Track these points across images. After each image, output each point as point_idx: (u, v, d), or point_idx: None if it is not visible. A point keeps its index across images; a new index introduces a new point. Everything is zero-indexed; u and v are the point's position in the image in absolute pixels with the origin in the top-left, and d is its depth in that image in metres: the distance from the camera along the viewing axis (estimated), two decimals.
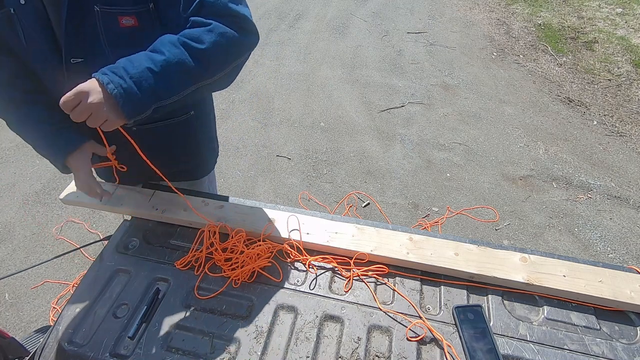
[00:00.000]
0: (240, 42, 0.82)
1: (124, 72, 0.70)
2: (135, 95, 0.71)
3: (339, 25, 4.60)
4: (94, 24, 0.80)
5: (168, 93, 0.76)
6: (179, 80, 0.76)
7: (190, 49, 0.75)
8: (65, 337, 0.80)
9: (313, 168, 2.72)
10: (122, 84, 0.70)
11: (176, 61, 0.74)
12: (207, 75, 0.80)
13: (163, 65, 0.73)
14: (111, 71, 0.71)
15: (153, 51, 0.75)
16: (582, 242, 2.26)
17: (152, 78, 0.72)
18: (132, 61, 0.72)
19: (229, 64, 0.83)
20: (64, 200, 1.08)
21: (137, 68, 0.71)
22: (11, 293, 1.96)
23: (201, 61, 0.77)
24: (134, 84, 0.70)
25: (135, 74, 0.71)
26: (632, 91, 3.49)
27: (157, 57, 0.73)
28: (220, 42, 0.78)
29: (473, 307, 0.84)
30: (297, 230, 0.98)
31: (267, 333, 0.80)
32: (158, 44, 0.76)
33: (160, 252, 0.96)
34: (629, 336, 0.81)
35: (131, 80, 0.70)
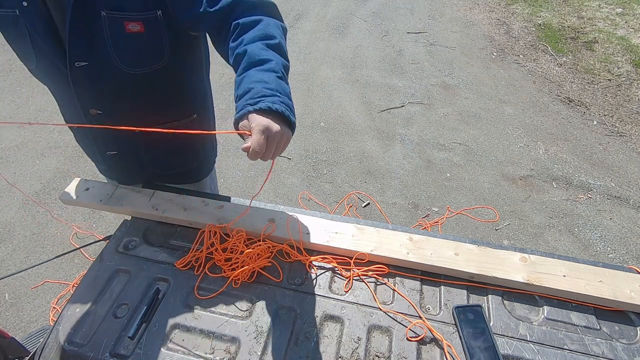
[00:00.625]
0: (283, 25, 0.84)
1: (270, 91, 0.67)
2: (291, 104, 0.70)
3: (339, 25, 4.60)
4: (100, 29, 0.80)
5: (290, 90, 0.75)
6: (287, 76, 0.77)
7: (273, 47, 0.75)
8: (65, 337, 0.80)
9: (313, 168, 2.72)
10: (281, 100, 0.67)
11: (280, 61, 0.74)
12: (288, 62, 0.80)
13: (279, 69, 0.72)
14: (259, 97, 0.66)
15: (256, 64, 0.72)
16: (582, 242, 2.26)
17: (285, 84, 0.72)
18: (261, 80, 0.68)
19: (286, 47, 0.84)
20: (64, 200, 1.08)
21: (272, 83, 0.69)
22: (11, 293, 1.96)
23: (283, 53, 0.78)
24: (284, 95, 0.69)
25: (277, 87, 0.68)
26: (632, 91, 3.49)
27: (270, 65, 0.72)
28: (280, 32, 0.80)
29: (473, 307, 0.84)
30: (297, 230, 0.98)
31: (267, 333, 0.80)
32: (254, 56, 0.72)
33: (160, 252, 0.96)
34: (629, 336, 0.81)
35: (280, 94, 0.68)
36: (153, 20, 0.82)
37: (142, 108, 0.98)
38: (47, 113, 3.16)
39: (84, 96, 0.91)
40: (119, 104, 0.95)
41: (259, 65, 0.72)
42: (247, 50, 0.74)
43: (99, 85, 0.89)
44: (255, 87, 0.67)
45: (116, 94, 0.92)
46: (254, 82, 0.68)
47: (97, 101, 0.93)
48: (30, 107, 3.22)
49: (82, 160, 2.73)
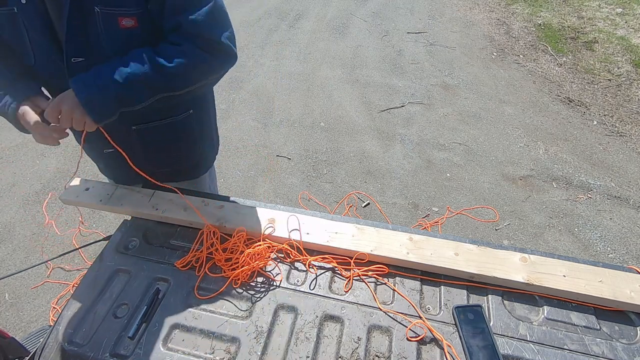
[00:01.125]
0: (210, 64, 0.89)
1: (92, 81, 0.80)
2: (98, 102, 0.81)
3: (339, 25, 4.60)
4: (95, 25, 0.81)
5: (132, 101, 0.85)
6: (142, 91, 0.85)
7: (156, 65, 0.82)
8: (65, 337, 0.80)
9: (313, 168, 2.72)
10: (89, 92, 0.79)
11: (140, 74, 0.82)
12: (172, 89, 0.88)
13: (128, 78, 0.81)
14: (82, 80, 0.80)
15: (123, 62, 0.82)
16: (582, 242, 2.26)
17: (115, 88, 0.81)
18: (101, 71, 0.81)
19: (197, 81, 0.90)
20: (64, 200, 1.08)
21: (104, 79, 0.80)
22: (11, 293, 1.96)
23: (166, 77, 0.84)
24: (99, 93, 0.80)
25: (101, 84, 0.80)
26: (632, 91, 3.49)
27: (123, 69, 0.81)
28: (188, 63, 0.85)
29: (473, 307, 0.84)
30: (297, 230, 0.98)
31: (267, 333, 0.80)
32: (129, 56, 0.83)
33: (160, 252, 0.96)
34: (629, 336, 0.81)
35: (97, 89, 0.80)
36: (145, 14, 0.83)
37: None
38: None
39: None
40: None
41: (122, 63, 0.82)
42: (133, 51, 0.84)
43: None
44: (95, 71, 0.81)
45: None
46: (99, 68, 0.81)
47: None
48: None
49: (82, 160, 2.73)
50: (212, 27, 0.86)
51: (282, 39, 4.29)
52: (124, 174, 1.18)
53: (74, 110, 0.80)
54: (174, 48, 0.84)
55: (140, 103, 0.87)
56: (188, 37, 0.85)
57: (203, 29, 0.85)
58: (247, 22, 4.65)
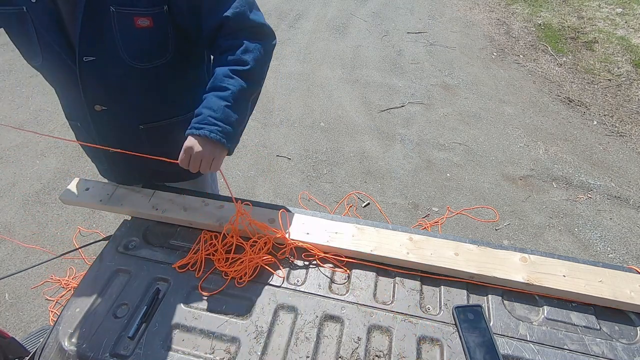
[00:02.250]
0: (268, 48, 0.93)
1: (213, 120, 0.83)
2: (231, 132, 0.85)
3: (339, 25, 4.59)
4: (110, 24, 0.82)
5: (245, 115, 0.91)
6: (246, 101, 0.90)
7: (241, 74, 0.86)
8: (65, 337, 0.80)
9: (313, 168, 2.72)
10: (219, 130, 0.83)
11: (239, 89, 0.86)
12: (259, 86, 0.94)
13: (233, 98, 0.85)
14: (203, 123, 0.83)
15: (216, 89, 0.86)
16: (582, 242, 2.26)
17: (232, 112, 0.85)
18: (211, 108, 0.84)
19: (267, 69, 0.95)
20: (64, 200, 1.08)
21: (219, 112, 0.84)
22: (11, 293, 1.96)
23: (252, 79, 0.89)
24: (226, 125, 0.84)
25: (221, 116, 0.84)
26: (632, 91, 3.49)
27: (225, 94, 0.85)
28: (258, 56, 0.88)
29: (473, 307, 0.84)
30: (297, 229, 0.98)
31: (267, 333, 0.80)
32: (217, 81, 0.86)
33: (160, 252, 0.96)
34: (629, 336, 0.81)
35: (222, 123, 0.83)
36: (161, 15, 0.84)
37: (145, 103, 0.99)
38: (47, 113, 3.16)
39: (90, 91, 0.92)
40: (123, 100, 0.96)
41: (217, 90, 0.85)
42: (215, 73, 0.87)
43: (105, 80, 0.90)
44: (204, 112, 0.84)
45: (121, 89, 0.94)
46: (205, 108, 0.84)
47: (102, 97, 0.94)
48: (30, 107, 3.22)
49: (82, 160, 2.73)
50: (253, 13, 0.89)
51: (282, 39, 4.29)
52: (126, 174, 1.18)
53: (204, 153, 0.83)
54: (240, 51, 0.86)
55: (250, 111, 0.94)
56: (239, 32, 0.87)
57: (247, 18, 0.87)
58: None
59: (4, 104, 3.25)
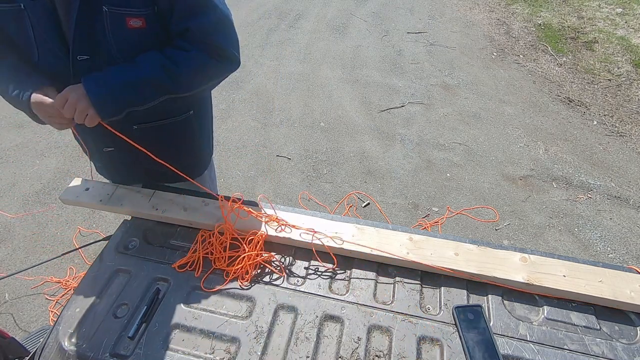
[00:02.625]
0: (216, 68, 0.95)
1: (104, 82, 0.85)
2: (107, 99, 0.85)
3: (339, 25, 4.60)
4: (102, 24, 0.83)
5: (141, 102, 0.91)
6: (151, 93, 0.90)
7: (167, 70, 0.88)
8: (65, 337, 0.80)
9: (313, 168, 2.72)
10: (100, 92, 0.84)
11: (151, 78, 0.87)
12: (180, 91, 0.94)
13: (139, 81, 0.86)
14: (93, 78, 0.84)
15: (134, 65, 0.87)
16: (582, 242, 2.26)
17: (126, 90, 0.86)
18: (112, 71, 0.86)
19: (202, 84, 0.97)
20: (64, 200, 1.08)
21: (116, 79, 0.85)
22: (11, 293, 1.96)
23: (175, 81, 0.90)
24: (109, 93, 0.85)
25: (114, 84, 0.85)
26: (632, 91, 3.49)
27: (135, 72, 0.86)
28: (195, 68, 0.91)
29: (473, 307, 0.84)
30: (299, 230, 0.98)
31: (267, 333, 0.80)
32: (141, 59, 0.87)
33: (160, 252, 0.96)
34: (629, 336, 0.81)
35: (107, 89, 0.85)
36: (153, 15, 0.85)
37: None
38: None
39: None
40: None
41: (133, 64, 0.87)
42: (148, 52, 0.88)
43: None
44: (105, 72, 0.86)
45: None
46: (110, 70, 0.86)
47: None
48: None
49: (82, 160, 2.73)
50: (218, 34, 0.91)
51: (282, 39, 4.29)
52: (122, 173, 1.18)
53: (80, 101, 0.83)
54: (183, 53, 0.89)
55: (146, 103, 0.92)
56: (195, 42, 0.89)
57: (210, 36, 0.90)
58: (247, 22, 4.65)
59: (4, 104, 3.24)
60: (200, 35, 0.89)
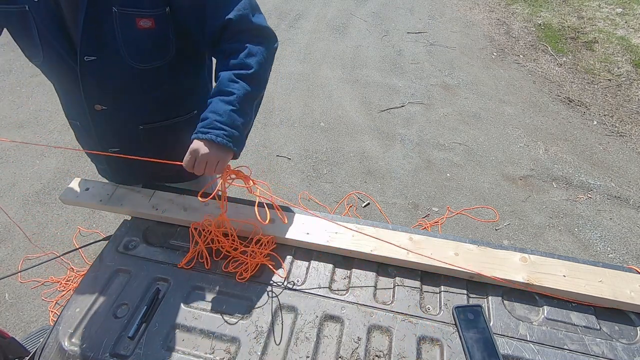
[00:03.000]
0: (271, 50, 0.93)
1: (219, 124, 0.83)
2: (237, 135, 0.85)
3: (339, 25, 4.59)
4: (111, 24, 0.82)
5: (250, 118, 0.91)
6: (251, 105, 0.90)
7: (245, 78, 0.86)
8: (65, 337, 0.80)
9: (313, 168, 2.72)
10: (225, 134, 0.83)
11: (244, 93, 0.86)
12: (263, 89, 0.94)
13: (239, 102, 0.85)
14: (209, 128, 0.83)
15: (222, 93, 0.85)
16: (582, 242, 2.26)
17: (238, 116, 0.85)
18: (216, 112, 0.84)
19: (269, 72, 0.95)
20: (64, 200, 1.08)
21: (224, 116, 0.84)
22: (11, 293, 1.96)
23: (256, 83, 0.89)
24: (232, 128, 0.84)
25: (227, 120, 0.84)
26: (632, 91, 3.49)
27: (230, 98, 0.85)
28: (260, 60, 0.89)
29: (473, 307, 0.84)
30: (297, 229, 0.98)
31: (267, 333, 0.80)
32: (222, 86, 0.86)
33: (160, 252, 0.96)
34: (629, 336, 0.81)
35: (228, 127, 0.84)
36: (163, 16, 0.85)
37: (145, 104, 0.99)
38: (47, 113, 3.16)
39: (90, 91, 0.92)
40: (123, 100, 0.96)
41: (223, 95, 0.85)
42: (220, 77, 0.87)
43: (106, 80, 0.91)
44: (210, 117, 0.83)
45: (121, 89, 0.94)
46: (211, 113, 0.84)
47: (102, 96, 0.94)
48: (30, 107, 3.22)
49: (82, 160, 2.73)
50: (255, 16, 0.89)
51: (282, 39, 4.29)
52: (125, 174, 1.18)
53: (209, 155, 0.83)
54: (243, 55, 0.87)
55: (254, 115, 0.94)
56: (242, 36, 0.88)
57: (250, 21, 0.88)
58: None
59: (4, 104, 3.25)
60: (244, 23, 0.87)
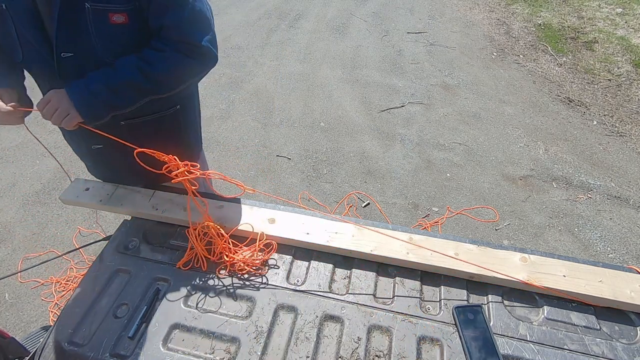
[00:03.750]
0: (192, 66, 0.94)
1: (85, 87, 0.87)
2: (90, 104, 0.88)
3: (339, 25, 4.59)
4: (85, 20, 0.83)
5: (122, 105, 0.93)
6: (131, 96, 0.92)
7: (143, 71, 0.89)
8: (65, 337, 0.80)
9: (313, 168, 2.72)
10: (83, 95, 0.87)
11: (129, 81, 0.89)
12: (159, 92, 0.95)
13: (119, 84, 0.88)
14: (75, 84, 0.87)
15: (113, 70, 0.89)
16: (582, 242, 2.26)
17: (106, 94, 0.88)
18: (93, 78, 0.88)
19: (179, 84, 0.97)
20: (64, 200, 1.08)
21: (97, 83, 0.87)
22: (11, 293, 1.96)
23: (152, 82, 0.91)
24: (91, 95, 0.87)
25: (94, 89, 0.87)
26: (632, 91, 3.49)
27: (114, 76, 0.88)
28: (171, 68, 0.91)
29: (473, 307, 0.84)
30: (297, 229, 0.98)
31: (267, 333, 0.80)
32: (119, 63, 0.89)
33: (160, 252, 0.96)
34: (629, 336, 0.81)
35: (88, 93, 0.87)
36: (135, 11, 0.86)
37: None
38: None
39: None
40: None
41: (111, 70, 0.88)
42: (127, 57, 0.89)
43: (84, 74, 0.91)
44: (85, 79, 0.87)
45: None
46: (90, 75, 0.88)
47: None
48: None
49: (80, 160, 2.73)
50: (192, 31, 0.91)
51: (282, 39, 4.29)
52: (112, 172, 1.17)
53: (61, 103, 0.86)
54: (159, 54, 0.89)
55: (130, 106, 0.94)
56: (170, 42, 0.90)
57: (184, 32, 0.90)
58: (247, 22, 4.65)
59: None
60: (175, 32, 0.89)
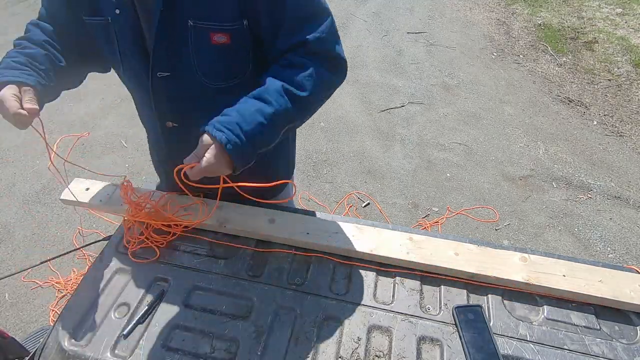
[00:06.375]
0: (333, 83, 0.82)
1: (239, 129, 0.68)
2: (247, 151, 0.70)
3: (339, 25, 4.55)
4: (186, 39, 0.77)
5: (272, 141, 0.76)
6: (281, 128, 0.76)
7: (293, 97, 0.74)
8: (65, 337, 0.80)
9: (313, 168, 2.72)
10: (238, 143, 0.68)
11: (282, 111, 0.73)
12: (304, 118, 0.81)
13: (272, 118, 0.72)
14: (226, 127, 0.68)
15: (261, 98, 0.72)
16: (582, 242, 2.26)
17: (262, 132, 0.71)
18: (244, 115, 0.70)
19: (318, 108, 0.83)
20: (64, 201, 1.08)
21: (250, 124, 0.69)
22: (11, 293, 1.96)
23: (301, 108, 0.77)
24: (248, 142, 0.69)
25: (249, 130, 0.69)
26: (632, 91, 3.49)
27: (266, 109, 0.71)
28: (319, 87, 0.77)
29: (473, 307, 0.84)
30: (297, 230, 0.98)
31: (267, 333, 0.80)
32: (265, 92, 0.73)
33: (160, 251, 0.96)
34: (629, 336, 0.80)
35: (245, 138, 0.69)
36: (240, 31, 0.78)
37: None
38: (47, 113, 3.16)
39: (162, 107, 0.89)
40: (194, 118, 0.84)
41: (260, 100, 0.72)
42: (266, 82, 0.74)
43: (178, 97, 0.87)
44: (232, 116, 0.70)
45: (193, 107, 0.89)
46: (237, 112, 0.70)
47: (174, 113, 0.91)
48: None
49: (82, 160, 2.73)
50: (335, 43, 0.80)
51: None
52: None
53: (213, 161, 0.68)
54: (304, 74, 0.75)
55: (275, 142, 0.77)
56: (312, 56, 0.77)
57: (328, 46, 0.78)
58: None
59: None
60: (319, 47, 0.77)
